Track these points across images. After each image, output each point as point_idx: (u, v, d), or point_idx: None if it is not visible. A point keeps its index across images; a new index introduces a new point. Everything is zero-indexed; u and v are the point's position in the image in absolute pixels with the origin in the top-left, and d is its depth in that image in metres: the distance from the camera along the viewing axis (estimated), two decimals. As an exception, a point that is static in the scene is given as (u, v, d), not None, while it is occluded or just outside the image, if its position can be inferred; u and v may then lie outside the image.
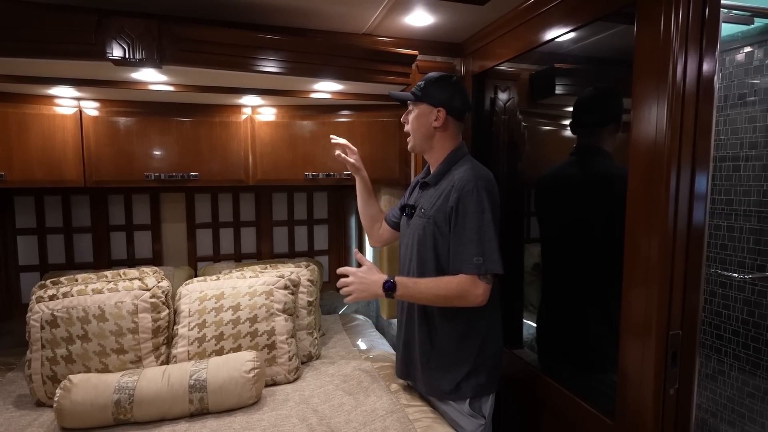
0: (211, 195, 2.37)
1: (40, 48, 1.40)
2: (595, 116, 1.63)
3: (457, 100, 1.46)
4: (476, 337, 1.44)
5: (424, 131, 1.48)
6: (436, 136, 1.48)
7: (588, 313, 1.67)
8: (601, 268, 1.57)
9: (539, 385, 1.63)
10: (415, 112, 1.49)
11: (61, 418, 1.41)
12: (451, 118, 1.46)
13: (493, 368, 1.48)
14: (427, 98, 1.45)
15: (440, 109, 1.44)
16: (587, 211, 1.67)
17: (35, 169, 1.77)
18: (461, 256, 1.35)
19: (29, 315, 1.64)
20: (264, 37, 1.61)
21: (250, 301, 1.76)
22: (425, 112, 1.46)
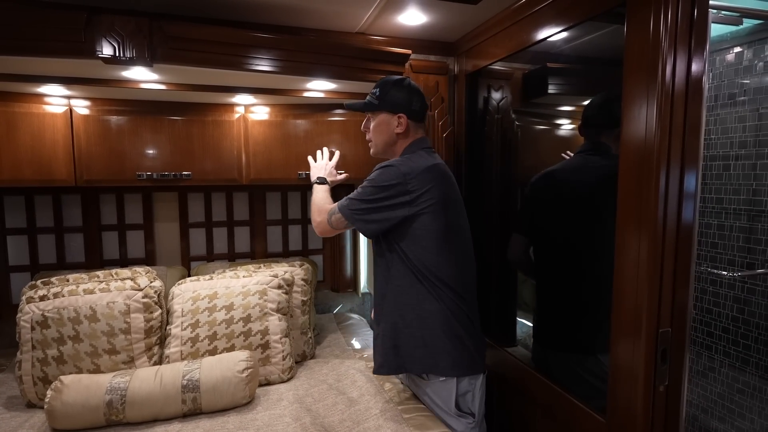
0: (204, 194, 2.36)
1: (28, 46, 1.39)
2: (605, 120, 1.64)
3: (415, 103, 1.48)
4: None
5: (387, 138, 1.50)
6: (399, 142, 1.51)
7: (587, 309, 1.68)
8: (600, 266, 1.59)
9: (532, 383, 1.64)
10: (376, 120, 1.51)
11: (52, 419, 1.40)
12: (411, 122, 1.49)
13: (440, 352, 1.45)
14: (387, 106, 1.47)
15: (401, 115, 1.47)
16: (591, 208, 1.67)
17: (25, 168, 1.75)
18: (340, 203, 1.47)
19: (19, 316, 1.62)
20: (256, 36, 1.60)
21: (244, 300, 1.76)
22: (385, 119, 1.48)
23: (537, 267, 1.85)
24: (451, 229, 1.44)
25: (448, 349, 1.44)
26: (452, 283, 1.45)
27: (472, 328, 1.51)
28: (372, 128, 1.52)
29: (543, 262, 1.84)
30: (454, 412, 1.49)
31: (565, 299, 1.75)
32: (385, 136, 1.50)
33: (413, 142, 1.51)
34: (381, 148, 1.53)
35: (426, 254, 1.41)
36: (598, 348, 1.62)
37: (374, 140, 1.53)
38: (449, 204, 1.43)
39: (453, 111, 2.11)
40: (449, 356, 1.44)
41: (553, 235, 1.81)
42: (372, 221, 1.40)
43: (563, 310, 1.76)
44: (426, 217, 1.39)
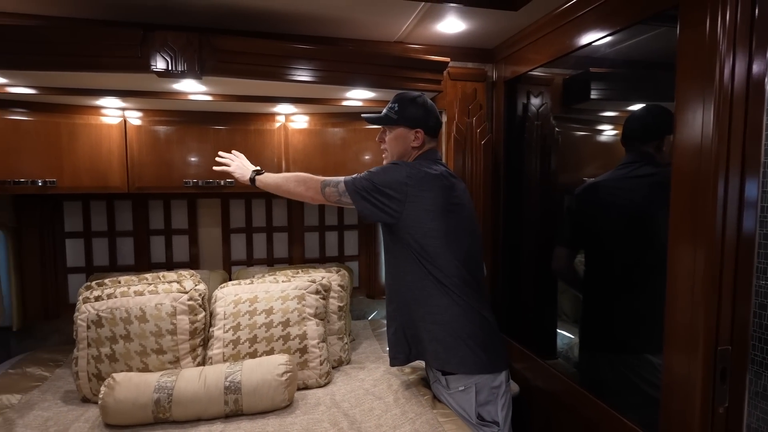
0: (245, 201, 2.43)
1: (90, 62, 1.49)
2: (646, 131, 1.60)
3: (431, 119, 1.56)
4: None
5: (402, 150, 1.57)
6: (413, 154, 1.58)
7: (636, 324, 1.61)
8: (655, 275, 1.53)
9: (576, 399, 1.58)
10: (393, 134, 1.57)
11: (105, 414, 1.47)
12: (427, 136, 1.56)
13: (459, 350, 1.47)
14: (404, 121, 1.54)
15: (418, 131, 1.54)
16: (642, 218, 1.61)
17: (83, 175, 1.86)
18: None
19: (76, 315, 1.72)
20: (297, 47, 1.65)
21: (283, 305, 1.79)
22: (403, 134, 1.55)
23: (587, 278, 1.79)
24: (452, 232, 1.48)
25: (459, 345, 1.46)
26: (459, 281, 1.47)
27: (486, 326, 1.51)
28: (388, 140, 1.59)
29: (594, 273, 1.77)
30: (476, 422, 1.48)
31: (618, 308, 1.68)
32: (401, 149, 1.57)
33: (425, 152, 1.57)
34: (395, 159, 1.59)
35: (431, 252, 1.46)
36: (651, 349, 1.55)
37: (390, 151, 1.60)
38: (450, 208, 1.48)
39: (491, 118, 2.09)
40: (460, 352, 1.46)
41: (603, 247, 1.75)
42: (370, 203, 1.46)
43: (615, 318, 1.70)
44: (424, 217, 1.45)
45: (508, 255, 2.10)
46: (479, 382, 1.48)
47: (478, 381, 1.48)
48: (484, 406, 1.50)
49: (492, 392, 1.49)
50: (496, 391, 1.50)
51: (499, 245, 2.10)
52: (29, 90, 1.64)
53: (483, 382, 1.48)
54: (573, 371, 1.83)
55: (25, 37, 1.45)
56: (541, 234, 2.06)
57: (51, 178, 1.80)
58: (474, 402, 1.48)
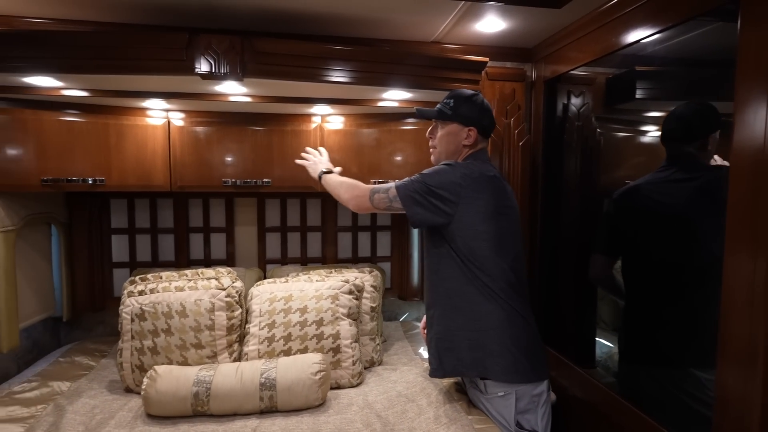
0: (280, 200, 2.47)
1: (138, 65, 1.55)
2: (687, 131, 1.52)
3: (486, 119, 1.52)
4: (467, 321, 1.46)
5: (453, 148, 1.53)
6: (463, 153, 1.53)
7: (684, 333, 1.54)
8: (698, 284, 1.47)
9: (615, 410, 1.52)
10: (445, 130, 1.53)
11: (147, 405, 1.53)
12: (480, 136, 1.52)
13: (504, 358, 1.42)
14: (458, 118, 1.50)
15: (472, 129, 1.50)
16: (685, 223, 1.54)
17: (130, 174, 1.94)
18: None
19: (121, 308, 1.79)
20: (335, 48, 1.66)
21: (317, 304, 1.81)
22: (455, 130, 1.51)
23: (628, 285, 1.72)
24: (502, 235, 1.44)
25: (503, 352, 1.41)
26: (505, 285, 1.43)
27: (530, 331, 1.47)
28: (439, 136, 1.55)
29: (632, 281, 1.70)
30: (515, 430, 1.44)
31: (661, 317, 1.60)
32: (452, 146, 1.53)
33: (475, 152, 1.53)
34: (444, 156, 1.55)
35: (479, 256, 1.42)
36: (697, 363, 1.48)
37: (439, 148, 1.56)
38: (501, 211, 1.45)
39: (530, 119, 2.04)
40: (503, 360, 1.41)
41: (641, 254, 1.68)
42: (423, 206, 1.41)
43: (658, 327, 1.62)
44: (476, 220, 1.41)
45: (546, 259, 2.05)
46: (519, 389, 1.44)
47: (519, 387, 1.44)
48: (524, 414, 1.45)
49: (533, 400, 1.45)
50: (536, 399, 1.45)
51: (536, 249, 2.05)
52: (82, 92, 1.72)
53: (524, 388, 1.43)
54: (612, 381, 1.76)
55: (80, 42, 1.52)
56: (580, 239, 1.99)
57: (100, 176, 1.89)
58: (514, 409, 1.43)
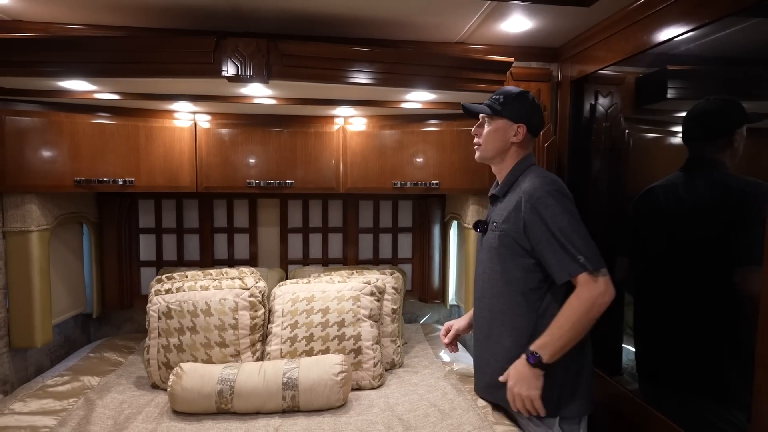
0: (302, 201, 2.50)
1: (167, 69, 1.58)
2: (711, 128, 1.47)
3: (535, 117, 1.47)
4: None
5: (501, 145, 1.46)
6: (510, 150, 1.47)
7: (700, 339, 1.49)
8: (714, 288, 1.42)
9: (642, 419, 1.47)
10: (493, 126, 1.47)
11: (173, 401, 1.56)
12: (529, 134, 1.47)
13: (576, 390, 1.37)
14: (508, 113, 1.44)
15: (521, 125, 1.44)
16: (700, 226, 1.50)
17: (158, 176, 1.99)
18: (563, 262, 1.28)
19: (149, 306, 1.84)
20: (359, 50, 1.66)
21: (339, 305, 1.81)
22: (504, 126, 1.45)
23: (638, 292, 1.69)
24: None
25: (572, 384, 1.35)
26: None
27: (591, 357, 1.42)
28: (486, 132, 1.47)
29: (644, 286, 1.67)
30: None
31: (675, 332, 1.56)
32: (499, 143, 1.46)
33: (526, 156, 1.49)
34: (491, 154, 1.48)
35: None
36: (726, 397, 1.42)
37: (485, 145, 1.48)
38: None
39: (555, 120, 2.00)
40: (573, 392, 1.35)
41: (654, 258, 1.64)
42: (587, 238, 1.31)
43: (672, 343, 1.59)
44: None
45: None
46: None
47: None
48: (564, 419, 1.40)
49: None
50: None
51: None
52: (113, 96, 1.78)
53: None
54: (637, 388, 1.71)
55: (112, 47, 1.56)
56: (607, 243, 1.94)
57: (130, 177, 1.94)
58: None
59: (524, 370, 1.31)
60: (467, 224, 2.12)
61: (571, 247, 1.27)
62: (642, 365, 1.75)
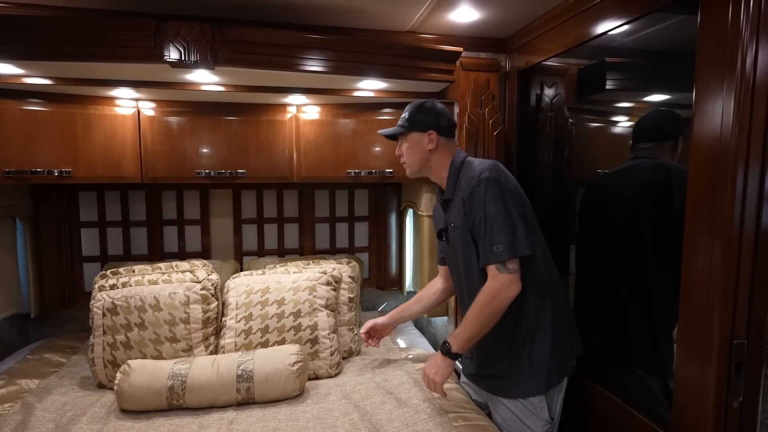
0: (256, 191, 2.45)
1: (104, 52, 1.49)
2: (656, 134, 1.60)
3: (443, 120, 1.52)
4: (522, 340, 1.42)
5: (421, 156, 1.52)
6: (432, 158, 1.52)
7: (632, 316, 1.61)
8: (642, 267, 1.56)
9: (584, 391, 1.57)
10: (408, 142, 1.53)
11: (120, 400, 1.51)
12: (442, 138, 1.51)
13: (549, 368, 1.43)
14: (416, 126, 1.51)
15: (431, 132, 1.50)
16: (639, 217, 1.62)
17: (98, 166, 1.88)
18: (484, 249, 1.35)
19: (92, 303, 1.75)
20: (309, 37, 1.64)
21: (294, 296, 1.81)
22: (417, 138, 1.51)
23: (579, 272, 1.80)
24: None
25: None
26: (547, 275, 1.43)
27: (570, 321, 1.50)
28: (405, 150, 1.55)
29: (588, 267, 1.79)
30: (536, 409, 1.44)
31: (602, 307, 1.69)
32: (418, 155, 1.52)
33: (455, 155, 1.52)
34: (416, 167, 1.54)
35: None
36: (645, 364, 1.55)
37: (408, 161, 1.55)
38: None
39: (504, 109, 2.06)
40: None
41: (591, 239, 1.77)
42: (528, 230, 1.36)
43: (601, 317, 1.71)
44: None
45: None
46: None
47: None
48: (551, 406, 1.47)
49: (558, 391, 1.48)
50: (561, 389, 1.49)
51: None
52: (45, 80, 1.66)
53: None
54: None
55: (41, 27, 1.46)
56: (553, 228, 2.04)
57: (67, 168, 1.83)
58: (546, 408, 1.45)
59: (437, 357, 1.43)
60: (422, 212, 2.16)
61: (491, 235, 1.33)
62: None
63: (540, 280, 1.41)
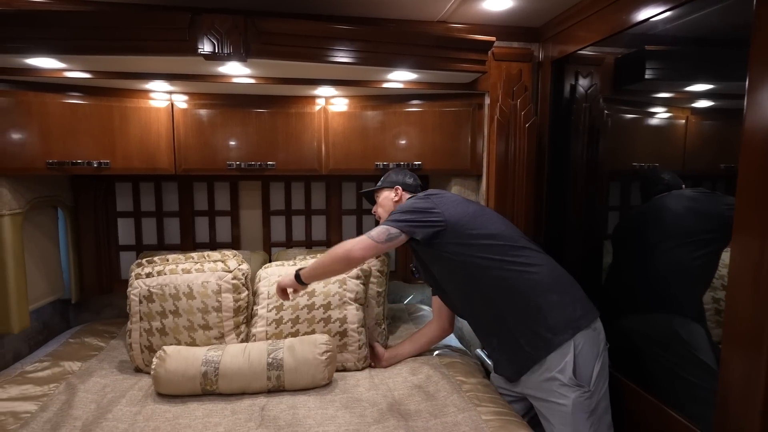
0: (284, 183, 2.47)
1: (140, 46, 1.53)
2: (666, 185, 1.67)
3: (408, 178, 1.83)
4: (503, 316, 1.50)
5: (389, 208, 1.77)
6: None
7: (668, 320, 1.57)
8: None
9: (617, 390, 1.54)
10: (380, 198, 1.84)
11: (157, 384, 1.56)
12: (405, 193, 1.79)
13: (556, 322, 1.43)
14: (385, 184, 1.84)
15: (397, 188, 1.80)
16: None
17: (134, 157, 1.93)
18: None
19: (129, 290, 1.81)
20: (340, 28, 1.64)
21: (325, 288, 1.82)
22: (386, 194, 1.83)
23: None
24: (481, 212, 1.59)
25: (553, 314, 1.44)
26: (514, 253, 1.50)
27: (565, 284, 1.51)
28: (379, 203, 1.85)
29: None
30: (568, 381, 1.40)
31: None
32: (388, 207, 1.79)
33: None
34: (386, 217, 1.67)
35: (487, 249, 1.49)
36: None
37: (381, 214, 1.81)
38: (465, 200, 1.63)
39: (537, 100, 2.01)
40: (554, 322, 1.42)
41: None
42: (416, 224, 1.52)
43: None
44: (461, 208, 1.55)
45: (550, 245, 2.05)
46: (577, 339, 1.41)
47: (576, 338, 1.41)
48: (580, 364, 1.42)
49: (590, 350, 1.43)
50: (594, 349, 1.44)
51: (541, 233, 2.05)
52: (85, 74, 1.71)
53: (580, 338, 1.41)
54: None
55: (82, 23, 1.50)
56: (586, 223, 1.99)
57: (105, 159, 1.88)
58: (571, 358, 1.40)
59: (290, 276, 1.60)
60: (450, 205, 2.14)
61: (392, 218, 1.55)
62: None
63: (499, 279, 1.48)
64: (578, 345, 1.41)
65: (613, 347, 1.51)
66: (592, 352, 1.43)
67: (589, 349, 1.42)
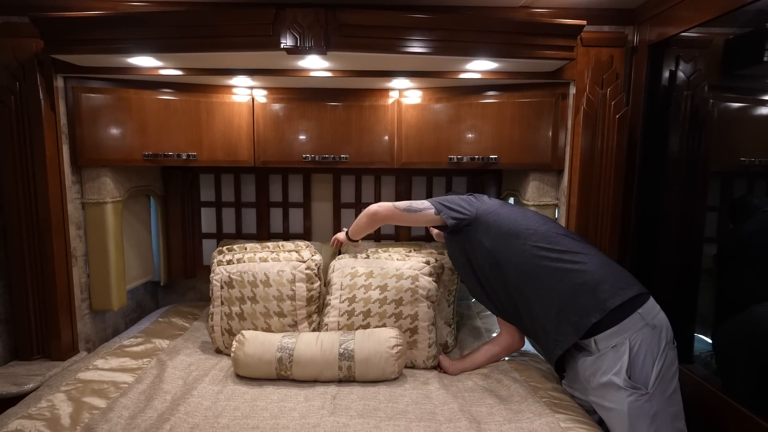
0: (355, 177, 2.49)
1: (228, 42, 1.59)
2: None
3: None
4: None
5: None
6: None
7: None
8: None
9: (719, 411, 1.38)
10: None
11: (236, 366, 1.63)
12: None
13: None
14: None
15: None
16: None
17: (218, 150, 2.04)
18: None
19: (212, 275, 1.92)
20: (418, 17, 1.60)
21: (397, 283, 1.80)
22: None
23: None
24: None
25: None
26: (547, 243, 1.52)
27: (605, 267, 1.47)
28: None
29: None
30: (624, 380, 1.32)
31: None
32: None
33: None
34: None
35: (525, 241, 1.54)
36: None
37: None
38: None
39: (629, 89, 1.85)
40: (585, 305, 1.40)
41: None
42: (450, 208, 1.66)
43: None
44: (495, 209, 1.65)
45: (641, 246, 1.88)
46: (633, 337, 1.33)
47: (632, 336, 1.33)
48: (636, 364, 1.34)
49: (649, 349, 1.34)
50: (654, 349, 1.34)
51: (629, 234, 1.88)
52: (176, 71, 1.82)
53: (637, 337, 1.33)
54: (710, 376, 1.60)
55: (176, 22, 1.59)
56: (683, 226, 1.80)
57: (193, 152, 2.00)
58: (627, 359, 1.33)
59: (344, 232, 1.90)
60: (527, 201, 2.04)
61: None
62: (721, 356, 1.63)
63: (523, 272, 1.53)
64: (634, 344, 1.33)
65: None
66: (651, 351, 1.33)
67: (647, 347, 1.33)
